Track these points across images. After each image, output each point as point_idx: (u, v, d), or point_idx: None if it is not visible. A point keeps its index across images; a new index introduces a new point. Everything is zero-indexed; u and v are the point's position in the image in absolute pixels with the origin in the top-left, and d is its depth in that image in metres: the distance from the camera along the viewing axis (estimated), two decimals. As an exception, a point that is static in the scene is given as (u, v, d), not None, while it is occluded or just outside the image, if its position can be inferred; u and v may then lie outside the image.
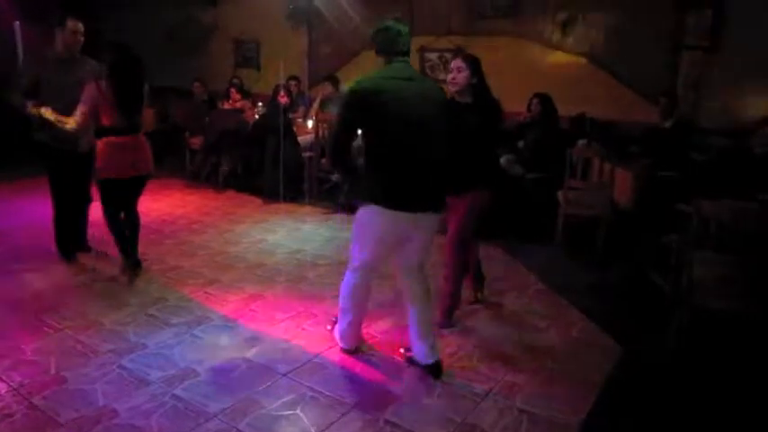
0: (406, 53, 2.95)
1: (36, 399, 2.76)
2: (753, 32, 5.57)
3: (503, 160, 5.71)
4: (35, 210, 5.53)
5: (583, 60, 6.51)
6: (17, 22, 5.41)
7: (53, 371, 3.02)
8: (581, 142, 5.56)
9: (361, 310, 3.24)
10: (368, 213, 2.92)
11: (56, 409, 2.69)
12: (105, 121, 3.96)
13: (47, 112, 3.96)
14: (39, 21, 3.79)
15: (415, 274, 3.14)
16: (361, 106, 2.80)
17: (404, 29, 2.92)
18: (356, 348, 3.31)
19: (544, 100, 5.82)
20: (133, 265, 4.31)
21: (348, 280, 3.17)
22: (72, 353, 3.21)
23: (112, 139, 3.99)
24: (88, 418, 2.63)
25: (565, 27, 6.60)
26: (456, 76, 3.44)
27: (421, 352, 3.14)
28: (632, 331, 3.69)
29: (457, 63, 3.48)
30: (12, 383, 2.89)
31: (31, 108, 4.12)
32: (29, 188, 6.24)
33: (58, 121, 3.94)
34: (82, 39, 4.27)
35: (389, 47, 2.92)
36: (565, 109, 5.94)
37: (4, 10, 3.78)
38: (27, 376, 2.96)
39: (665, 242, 4.17)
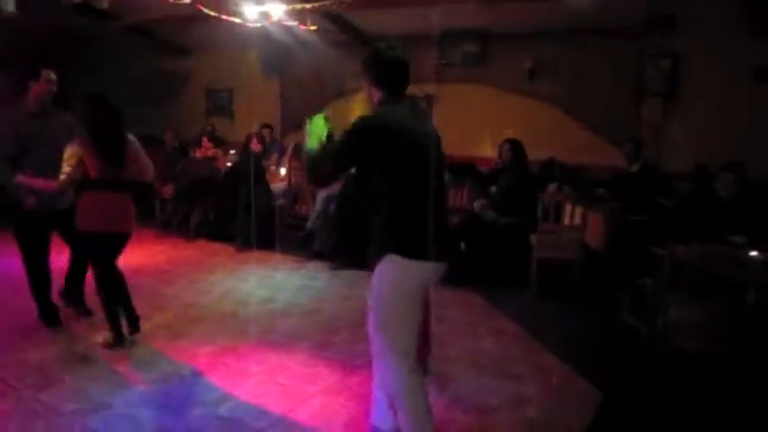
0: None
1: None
2: (708, 78, 5.83)
3: (476, 205, 5.77)
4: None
5: (551, 106, 6.70)
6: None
7: (11, 435, 2.87)
8: (551, 186, 5.66)
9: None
10: (401, 271, 2.44)
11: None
12: (93, 174, 3.78)
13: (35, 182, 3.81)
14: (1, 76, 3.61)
15: None
16: (386, 144, 2.41)
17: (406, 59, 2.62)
18: None
19: (515, 146, 5.93)
20: (135, 321, 4.07)
21: (401, 381, 2.49)
22: (32, 415, 3.05)
23: (99, 192, 3.81)
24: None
25: (532, 75, 6.80)
26: None
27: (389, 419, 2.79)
28: (609, 375, 3.67)
29: None
30: (-34, 450, 2.73)
31: (18, 179, 3.85)
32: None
33: (46, 187, 3.78)
34: (55, 89, 4.06)
35: (396, 81, 2.60)
36: (534, 154, 6.06)
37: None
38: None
39: (639, 285, 4.20)
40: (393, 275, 2.46)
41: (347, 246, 5.95)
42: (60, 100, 4.20)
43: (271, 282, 5.49)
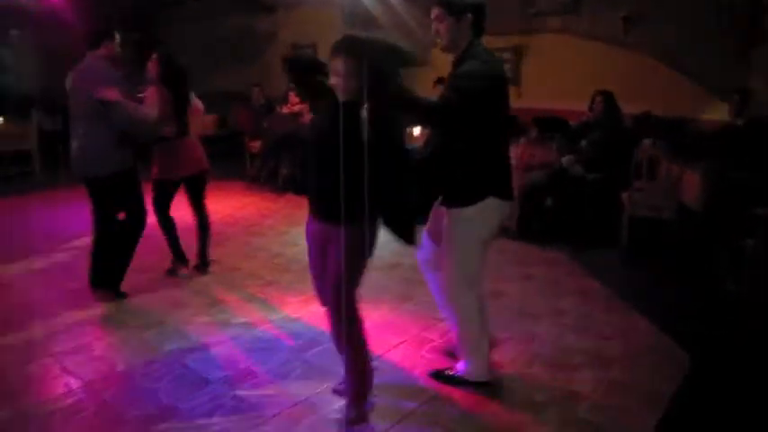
0: None
1: (105, 395, 2.87)
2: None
3: (564, 160, 5.57)
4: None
5: (647, 56, 6.28)
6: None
7: (120, 368, 3.13)
8: (646, 141, 5.36)
9: (487, 327, 2.92)
10: (482, 210, 2.64)
11: (122, 406, 2.78)
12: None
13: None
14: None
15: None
16: (495, 92, 2.55)
17: None
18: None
19: (607, 98, 5.62)
20: (181, 260, 4.54)
21: (467, 302, 2.80)
22: (137, 351, 3.33)
23: (165, 143, 4.18)
24: (152, 416, 2.71)
25: (627, 23, 6.38)
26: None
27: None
28: (702, 339, 3.51)
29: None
30: (83, 379, 3.01)
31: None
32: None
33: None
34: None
35: (483, 22, 2.63)
36: (628, 107, 5.73)
37: (76, 39, 3.86)
38: (97, 373, 3.08)
39: (740, 246, 3.95)
40: (476, 216, 2.66)
41: (427, 201, 5.94)
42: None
43: (354, 235, 5.59)
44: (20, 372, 3.08)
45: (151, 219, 4.21)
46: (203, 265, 4.56)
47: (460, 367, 2.99)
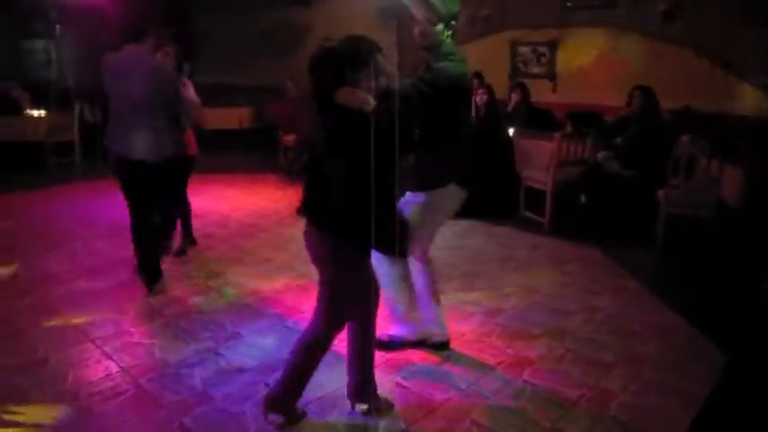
0: None
1: (142, 380, 2.96)
2: None
3: (600, 156, 5.50)
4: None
5: (687, 50, 6.13)
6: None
7: (157, 354, 3.22)
8: (685, 137, 5.24)
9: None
10: (443, 196, 3.00)
11: (159, 391, 2.86)
12: None
13: None
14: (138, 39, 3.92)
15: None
16: (462, 93, 3.01)
17: None
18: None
19: (645, 93, 5.52)
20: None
21: (398, 272, 3.11)
22: (174, 338, 3.42)
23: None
24: (187, 401, 2.78)
25: (667, 16, 6.24)
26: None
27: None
28: (740, 341, 3.43)
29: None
30: (122, 364, 3.11)
31: None
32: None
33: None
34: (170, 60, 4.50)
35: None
36: (667, 102, 5.62)
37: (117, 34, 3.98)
38: (135, 358, 3.18)
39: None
40: (437, 201, 3.00)
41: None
42: (191, 52, 4.62)
43: (386, 229, 5.62)
44: (62, 356, 3.19)
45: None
46: (189, 244, 4.85)
47: (397, 332, 3.23)
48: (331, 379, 2.90)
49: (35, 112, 8.17)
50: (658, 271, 4.58)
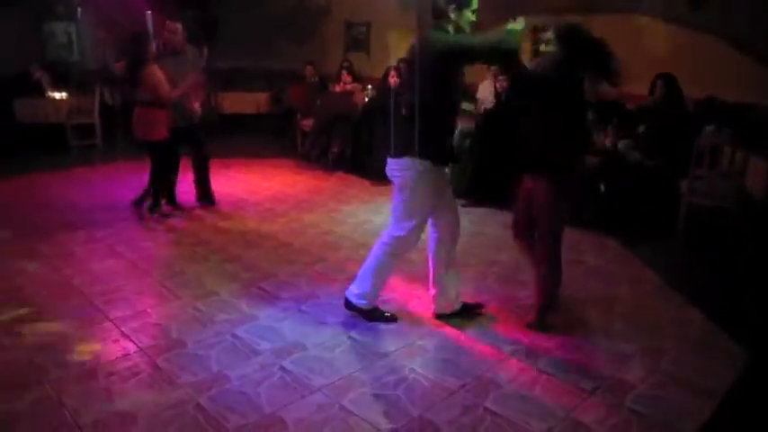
0: None
1: (159, 360, 2.99)
2: None
3: (621, 145, 5.41)
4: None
5: (714, 38, 5.98)
6: (149, 12, 5.79)
7: (174, 335, 3.25)
8: (709, 128, 5.13)
9: None
10: (433, 175, 3.14)
11: (176, 371, 2.89)
12: None
13: None
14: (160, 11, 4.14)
15: None
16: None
17: None
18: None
19: (669, 81, 5.41)
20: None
21: (384, 251, 3.34)
22: (191, 320, 3.45)
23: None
24: (203, 381, 2.81)
25: (694, 2, 6.09)
26: None
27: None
28: (761, 335, 3.38)
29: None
30: (139, 344, 3.14)
31: None
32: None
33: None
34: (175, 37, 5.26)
35: None
36: (691, 91, 5.50)
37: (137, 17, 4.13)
38: (152, 338, 3.21)
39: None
40: (429, 180, 3.16)
41: (482, 182, 5.90)
42: (207, 35, 4.68)
43: (402, 215, 5.60)
44: (81, 335, 3.24)
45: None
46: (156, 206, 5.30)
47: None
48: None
49: (56, 95, 8.22)
50: (678, 262, 4.51)
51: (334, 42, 9.64)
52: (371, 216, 5.56)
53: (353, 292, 3.45)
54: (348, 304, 3.48)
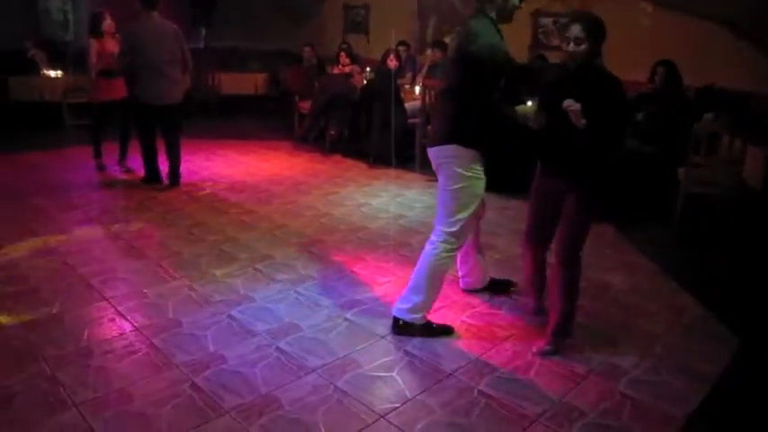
0: None
1: (155, 340, 3.00)
2: None
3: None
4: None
5: (715, 25, 5.96)
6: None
7: (170, 315, 3.26)
8: (708, 116, 5.12)
9: None
10: (478, 166, 3.01)
11: (171, 351, 2.90)
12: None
13: None
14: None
15: None
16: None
17: None
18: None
19: (669, 68, 5.39)
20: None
21: (439, 251, 3.03)
22: (187, 300, 3.45)
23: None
24: (199, 361, 2.82)
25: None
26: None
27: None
28: (755, 323, 3.40)
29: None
30: (135, 324, 3.15)
31: None
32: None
33: None
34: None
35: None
36: (690, 79, 5.48)
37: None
38: (148, 318, 3.22)
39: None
40: (475, 173, 3.04)
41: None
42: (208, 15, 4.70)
43: (402, 199, 5.61)
44: (78, 314, 3.24)
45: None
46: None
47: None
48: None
49: (52, 73, 8.14)
50: (673, 250, 4.53)
51: (332, 24, 9.56)
52: (369, 199, 5.55)
53: (404, 307, 3.11)
54: (398, 326, 3.13)
